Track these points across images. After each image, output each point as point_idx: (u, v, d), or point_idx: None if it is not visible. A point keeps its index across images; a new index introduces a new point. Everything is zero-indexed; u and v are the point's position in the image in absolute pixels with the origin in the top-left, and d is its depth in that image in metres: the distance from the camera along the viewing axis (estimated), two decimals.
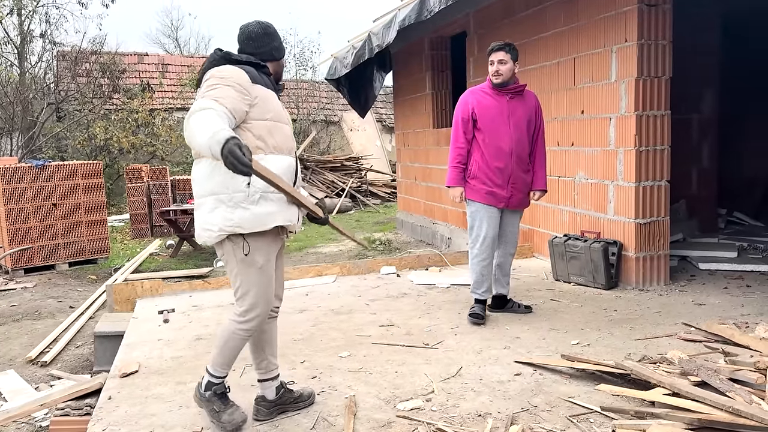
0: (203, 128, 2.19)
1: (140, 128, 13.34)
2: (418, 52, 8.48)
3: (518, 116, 3.81)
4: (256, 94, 2.49)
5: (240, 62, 2.55)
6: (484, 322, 3.84)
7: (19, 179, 7.46)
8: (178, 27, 33.62)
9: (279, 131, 2.55)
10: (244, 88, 2.44)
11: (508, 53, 3.78)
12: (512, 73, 3.81)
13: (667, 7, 4.39)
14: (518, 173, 3.84)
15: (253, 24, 2.67)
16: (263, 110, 2.51)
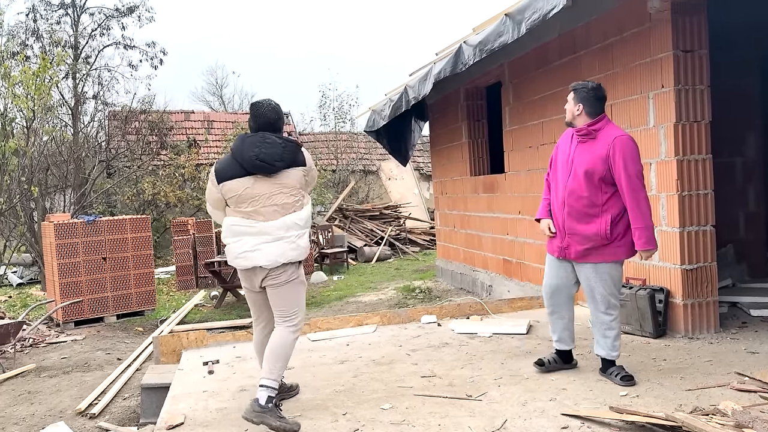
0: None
1: (186, 182, 13.77)
2: (454, 103, 8.62)
3: (580, 162, 3.62)
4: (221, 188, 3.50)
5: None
6: (543, 369, 3.81)
7: (72, 234, 7.76)
8: (223, 85, 34.83)
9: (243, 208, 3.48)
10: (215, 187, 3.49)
11: (570, 92, 3.78)
12: (573, 115, 3.71)
13: (704, 52, 4.40)
14: (572, 223, 3.64)
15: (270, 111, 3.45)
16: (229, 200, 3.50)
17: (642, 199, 3.54)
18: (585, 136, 3.66)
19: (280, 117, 3.40)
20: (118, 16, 15.42)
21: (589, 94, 3.70)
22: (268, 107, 3.36)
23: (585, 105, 3.68)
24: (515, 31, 4.68)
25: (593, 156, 3.58)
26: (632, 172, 3.51)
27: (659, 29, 4.42)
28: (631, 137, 3.60)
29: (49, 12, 15.30)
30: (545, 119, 6.18)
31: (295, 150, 3.35)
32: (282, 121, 3.44)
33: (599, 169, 3.56)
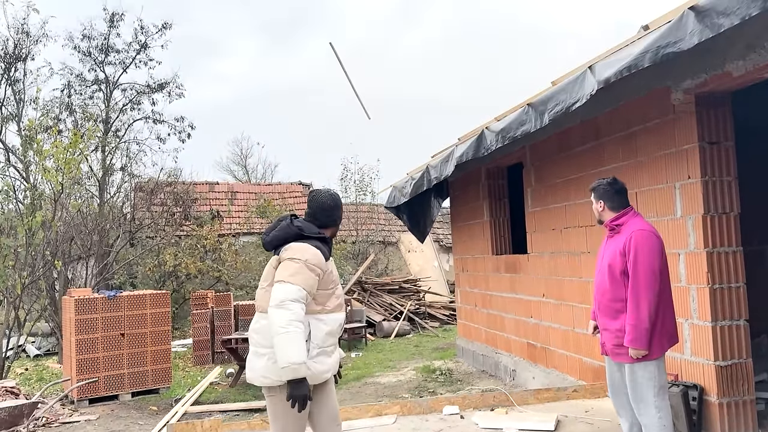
0: (287, 348, 2.82)
1: (208, 254, 13.84)
2: (475, 181, 8.65)
3: (605, 257, 3.72)
4: (326, 269, 3.09)
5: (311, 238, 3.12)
6: None
7: (92, 310, 7.75)
8: (247, 155, 35.58)
9: (335, 295, 3.15)
10: (322, 270, 3.04)
11: (591, 192, 3.89)
12: (598, 213, 3.84)
13: (730, 144, 4.37)
14: (603, 318, 3.73)
15: (326, 196, 3.27)
16: (327, 282, 3.10)
17: (643, 295, 3.50)
18: (611, 231, 3.77)
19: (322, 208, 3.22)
20: (149, 92, 15.97)
21: (607, 189, 3.80)
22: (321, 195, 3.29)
23: (606, 201, 3.79)
24: (538, 121, 4.71)
25: (614, 250, 3.64)
26: (641, 266, 3.49)
27: (684, 121, 4.42)
28: (651, 232, 3.59)
29: (83, 88, 15.91)
30: (568, 203, 6.15)
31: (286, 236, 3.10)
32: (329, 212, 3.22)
33: (619, 263, 3.60)
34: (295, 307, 2.87)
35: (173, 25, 16.26)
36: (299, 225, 3.15)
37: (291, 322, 2.83)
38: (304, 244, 3.06)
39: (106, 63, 15.99)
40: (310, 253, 3.03)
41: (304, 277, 2.95)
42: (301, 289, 2.91)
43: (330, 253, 3.22)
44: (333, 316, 3.12)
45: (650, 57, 3.25)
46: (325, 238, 3.17)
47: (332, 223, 3.26)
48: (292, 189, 19.47)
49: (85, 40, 15.71)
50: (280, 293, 2.90)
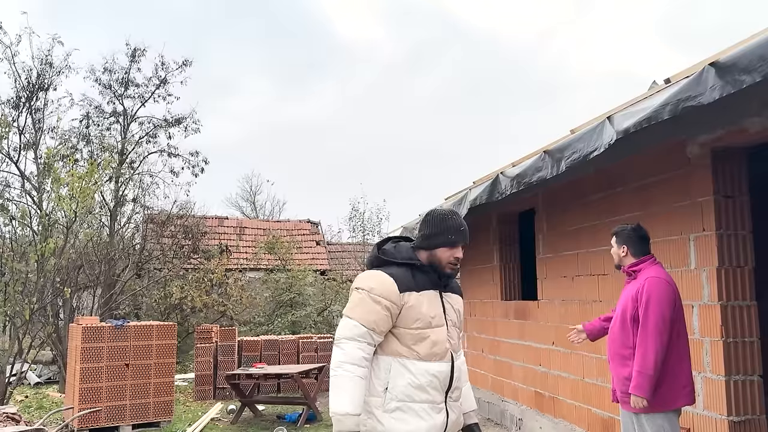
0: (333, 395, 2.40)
1: (214, 288, 13.84)
2: (486, 226, 8.69)
3: (620, 304, 3.77)
4: (403, 302, 2.51)
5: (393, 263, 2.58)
6: None
7: (99, 339, 7.74)
8: (257, 192, 35.90)
9: (428, 338, 2.52)
10: (392, 302, 2.49)
11: (612, 236, 3.92)
12: (619, 257, 3.85)
13: (744, 199, 4.41)
14: (613, 364, 3.73)
15: (430, 211, 2.73)
16: (410, 319, 2.51)
17: (651, 342, 3.48)
18: (628, 276, 3.81)
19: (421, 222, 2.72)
20: (166, 126, 16.24)
21: (630, 234, 3.85)
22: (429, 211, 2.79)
23: (629, 246, 3.83)
24: (554, 168, 4.78)
25: (627, 296, 3.67)
26: (651, 313, 3.50)
27: (699, 174, 4.48)
28: (664, 280, 3.63)
29: (102, 119, 16.19)
30: (581, 251, 6.17)
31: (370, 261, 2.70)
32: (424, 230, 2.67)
33: (630, 309, 3.62)
34: (349, 346, 2.43)
35: (193, 62, 16.65)
36: (384, 248, 2.67)
37: (341, 364, 2.41)
38: (376, 270, 2.58)
39: (125, 96, 16.31)
40: (377, 281, 2.52)
41: (365, 310, 2.47)
42: (358, 325, 2.45)
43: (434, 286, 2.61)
44: (422, 365, 2.51)
45: (670, 110, 3.33)
46: (414, 265, 2.59)
47: (427, 245, 2.62)
48: (300, 226, 19.57)
49: (106, 73, 16.07)
50: (339, 329, 2.52)
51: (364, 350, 2.44)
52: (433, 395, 2.51)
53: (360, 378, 2.42)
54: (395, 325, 2.51)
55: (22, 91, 13.65)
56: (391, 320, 2.49)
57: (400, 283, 2.52)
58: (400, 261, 2.59)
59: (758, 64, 2.87)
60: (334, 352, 2.48)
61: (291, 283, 14.82)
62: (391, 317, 2.49)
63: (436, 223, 2.64)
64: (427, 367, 2.51)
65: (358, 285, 2.58)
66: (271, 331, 13.82)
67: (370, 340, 2.46)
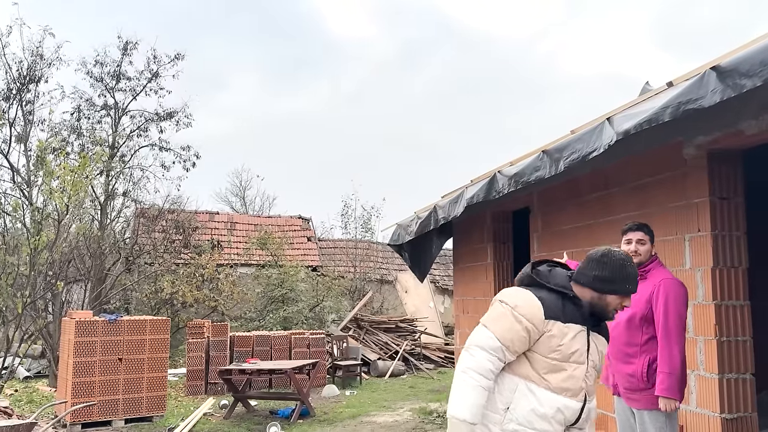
0: (455, 396, 2.39)
1: (205, 283, 13.81)
2: (480, 224, 8.74)
3: None
4: (547, 329, 2.45)
5: (544, 287, 2.52)
6: None
7: (92, 333, 7.71)
8: (246, 187, 35.76)
9: (563, 371, 2.46)
10: (534, 327, 2.43)
11: (647, 234, 3.75)
12: (649, 255, 3.75)
13: (739, 200, 4.49)
14: (616, 362, 3.71)
15: (600, 249, 2.64)
16: (549, 348, 2.44)
17: (675, 345, 3.53)
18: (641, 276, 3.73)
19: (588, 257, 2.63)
20: (157, 120, 16.15)
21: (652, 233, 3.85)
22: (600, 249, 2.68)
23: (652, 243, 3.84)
24: (552, 167, 4.83)
25: (638, 297, 3.57)
26: (672, 317, 3.53)
27: (695, 175, 4.55)
28: (680, 282, 3.67)
29: (92, 112, 16.08)
30: (576, 250, 6.21)
31: (520, 279, 2.70)
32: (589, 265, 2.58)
33: (642, 309, 3.62)
34: (480, 356, 2.39)
35: (185, 56, 16.55)
36: (539, 269, 2.61)
37: (468, 370, 2.38)
38: (525, 289, 2.51)
39: (117, 89, 16.21)
40: (523, 300, 2.46)
41: (505, 326, 2.41)
42: (494, 338, 2.39)
43: (583, 322, 2.50)
44: (552, 396, 2.43)
45: (671, 112, 3.38)
46: (567, 295, 2.50)
47: (600, 288, 2.51)
48: (291, 222, 19.54)
49: (97, 65, 15.96)
50: (473, 336, 2.48)
51: (493, 363, 2.41)
52: (555, 428, 2.46)
53: (483, 389, 2.38)
54: (531, 349, 2.46)
55: (12, 83, 13.54)
56: (528, 343, 2.44)
57: (548, 308, 2.45)
58: (552, 286, 2.53)
59: (759, 69, 2.93)
60: (464, 356, 2.45)
61: (283, 278, 14.81)
62: (529, 340, 2.43)
63: (615, 268, 2.54)
64: (557, 400, 2.45)
65: (502, 298, 2.53)
66: (262, 327, 13.81)
67: (502, 356, 2.42)
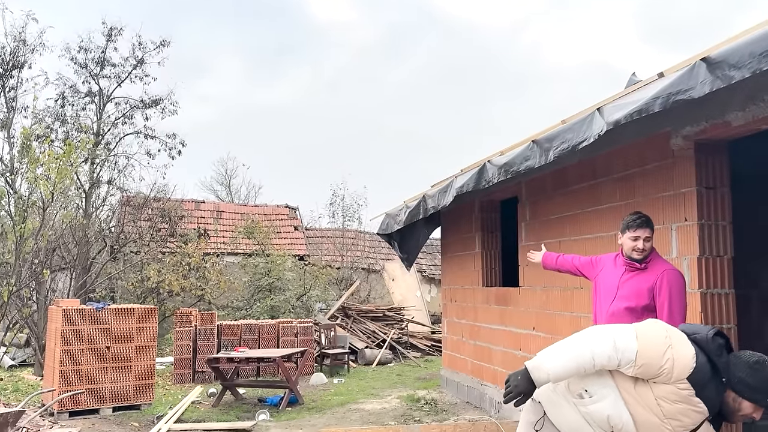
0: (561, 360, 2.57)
1: (192, 272, 13.76)
2: (468, 213, 8.80)
3: (625, 292, 3.71)
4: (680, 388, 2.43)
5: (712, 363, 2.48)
6: None
7: (79, 321, 7.68)
8: (232, 176, 35.55)
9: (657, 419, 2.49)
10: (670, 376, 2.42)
11: (652, 231, 3.81)
12: (648, 249, 3.80)
13: (725, 190, 4.56)
14: None
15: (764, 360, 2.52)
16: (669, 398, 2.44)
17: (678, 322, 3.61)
18: (632, 268, 3.80)
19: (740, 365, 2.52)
20: (142, 107, 16.00)
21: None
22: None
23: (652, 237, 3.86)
24: (542, 157, 4.87)
25: (640, 287, 3.68)
26: (675, 307, 3.63)
27: (682, 165, 4.62)
28: (680, 272, 3.77)
29: (77, 99, 15.89)
30: (563, 239, 6.30)
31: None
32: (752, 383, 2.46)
33: (645, 299, 3.67)
34: (608, 348, 2.46)
35: (171, 43, 16.38)
36: (721, 341, 2.55)
37: (589, 344, 2.51)
38: (693, 345, 2.49)
39: (101, 76, 16.03)
40: (684, 351, 2.44)
41: (651, 353, 2.43)
42: (633, 353, 2.45)
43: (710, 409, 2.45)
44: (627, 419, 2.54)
45: (661, 102, 3.43)
46: (720, 380, 2.46)
47: (742, 393, 2.46)
48: (278, 211, 19.49)
49: (81, 51, 15.76)
50: (619, 330, 2.57)
51: (609, 362, 2.48)
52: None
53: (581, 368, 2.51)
54: (655, 381, 2.47)
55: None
56: (651, 378, 2.46)
57: (696, 373, 2.42)
58: (717, 363, 2.48)
59: (748, 60, 2.98)
60: (598, 332, 2.58)
61: (270, 267, 14.79)
62: (655, 378, 2.45)
63: (765, 379, 2.46)
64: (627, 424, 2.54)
65: (668, 331, 2.54)
66: (249, 316, 13.80)
67: (619, 365, 2.48)
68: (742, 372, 2.47)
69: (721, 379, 2.46)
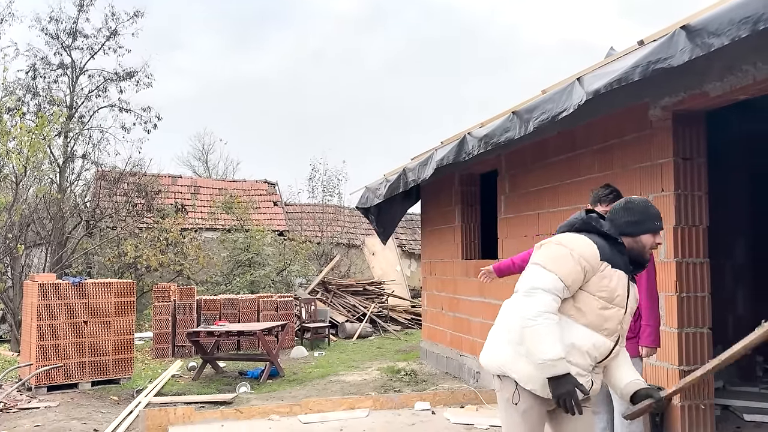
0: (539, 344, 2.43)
1: (169, 247, 13.64)
2: (448, 187, 8.81)
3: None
4: (600, 269, 2.55)
5: (596, 232, 2.64)
6: None
7: (56, 296, 7.58)
8: (209, 151, 35.07)
9: (604, 311, 2.56)
10: (591, 267, 2.53)
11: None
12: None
13: (702, 161, 4.62)
14: None
15: (627, 198, 2.78)
16: (598, 287, 2.54)
17: (656, 297, 3.77)
18: None
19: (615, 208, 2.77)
20: (116, 79, 15.68)
21: None
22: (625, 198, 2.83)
23: None
24: (522, 128, 4.88)
25: None
26: (653, 277, 3.72)
27: (660, 136, 4.66)
28: None
29: (48, 71, 15.51)
30: (542, 211, 6.35)
31: (571, 224, 2.79)
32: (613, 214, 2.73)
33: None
34: (547, 298, 2.45)
35: (144, 14, 16.02)
36: (593, 215, 2.73)
37: (542, 313, 2.42)
38: (581, 235, 2.63)
39: (74, 47, 15.65)
40: (581, 243, 2.55)
41: (567, 267, 2.48)
42: (558, 280, 2.47)
43: (625, 269, 2.62)
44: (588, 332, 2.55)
45: (641, 71, 3.44)
46: (617, 242, 2.63)
47: (632, 231, 2.65)
48: (257, 187, 19.34)
49: (53, 22, 15.35)
50: (531, 278, 2.53)
51: (557, 303, 2.49)
52: (585, 363, 2.57)
53: (556, 326, 2.46)
54: (582, 288, 2.55)
55: None
56: (582, 282, 2.54)
57: (602, 251, 2.56)
58: (605, 232, 2.64)
59: (727, 27, 2.99)
60: (529, 301, 2.48)
61: (249, 243, 14.71)
62: (584, 280, 2.53)
63: (640, 210, 2.69)
64: (592, 336, 2.56)
65: (560, 241, 2.60)
66: (229, 291, 13.75)
67: (562, 296, 2.50)
68: (622, 217, 2.68)
69: (615, 240, 2.63)
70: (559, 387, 2.41)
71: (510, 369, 2.59)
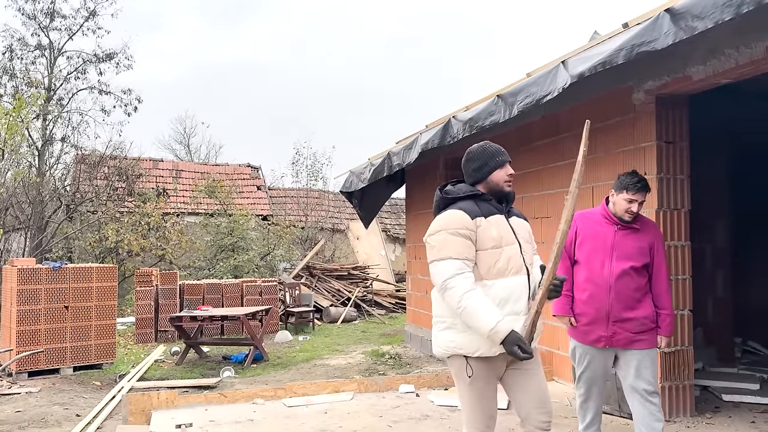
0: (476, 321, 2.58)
1: (151, 231, 13.51)
2: (433, 171, 8.79)
3: (628, 251, 3.55)
4: (478, 225, 2.71)
5: (456, 199, 2.80)
6: None
7: (36, 281, 7.48)
8: (191, 134, 34.70)
9: (500, 255, 2.71)
10: (469, 230, 2.69)
11: (645, 191, 3.59)
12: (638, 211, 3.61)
13: (684, 145, 4.65)
14: (620, 310, 3.50)
15: (468, 150, 2.95)
16: (484, 239, 2.70)
17: (670, 286, 3.71)
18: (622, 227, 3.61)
19: (464, 161, 2.96)
20: (96, 61, 15.41)
21: None
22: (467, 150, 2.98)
23: None
24: (506, 112, 4.87)
25: (640, 246, 3.56)
26: (667, 266, 3.68)
27: (643, 120, 4.67)
28: None
29: (26, 52, 15.21)
30: (525, 194, 6.36)
31: (437, 207, 2.91)
32: (469, 165, 2.92)
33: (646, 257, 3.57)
34: (457, 281, 2.60)
35: None
36: (446, 189, 2.90)
37: (462, 296, 2.57)
38: (441, 213, 2.80)
39: (51, 28, 15.35)
40: (448, 218, 2.71)
41: (451, 246, 2.64)
42: (453, 260, 2.62)
43: (498, 211, 2.80)
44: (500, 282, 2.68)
45: (625, 54, 3.44)
46: (476, 195, 2.81)
47: (481, 177, 2.85)
48: (240, 171, 19.19)
49: (30, 2, 15.03)
50: (437, 276, 2.67)
51: (470, 277, 2.63)
52: (513, 307, 2.69)
53: (482, 295, 2.61)
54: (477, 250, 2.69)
55: None
56: (474, 246, 2.68)
57: (469, 212, 2.71)
58: (463, 195, 2.80)
59: (711, 10, 2.99)
60: (448, 294, 2.61)
61: (232, 227, 14.62)
62: (474, 243, 2.68)
63: (479, 155, 2.91)
64: (508, 282, 2.69)
65: (433, 230, 2.74)
66: (212, 276, 13.67)
67: (468, 268, 2.64)
68: (469, 168, 2.91)
69: (475, 194, 2.82)
70: (508, 344, 2.55)
71: (454, 348, 2.71)
